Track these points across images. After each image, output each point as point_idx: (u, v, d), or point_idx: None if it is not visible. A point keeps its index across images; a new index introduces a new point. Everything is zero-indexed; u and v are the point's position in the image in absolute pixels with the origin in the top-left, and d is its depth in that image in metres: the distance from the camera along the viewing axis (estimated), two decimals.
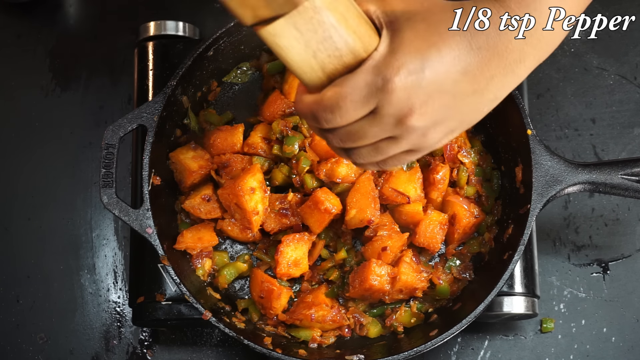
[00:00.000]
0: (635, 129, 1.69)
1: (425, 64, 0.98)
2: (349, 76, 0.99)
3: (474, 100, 1.03)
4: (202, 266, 1.48)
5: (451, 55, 0.99)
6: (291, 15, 0.95)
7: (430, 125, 1.02)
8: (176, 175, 1.52)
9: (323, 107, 1.00)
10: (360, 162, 1.10)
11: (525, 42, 1.03)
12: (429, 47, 0.98)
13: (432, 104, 1.00)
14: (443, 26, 1.00)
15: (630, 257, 1.62)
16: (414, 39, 0.98)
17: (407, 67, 0.97)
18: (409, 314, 1.48)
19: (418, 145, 1.05)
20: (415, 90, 0.98)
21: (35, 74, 1.73)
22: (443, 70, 0.99)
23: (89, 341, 1.60)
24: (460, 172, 1.51)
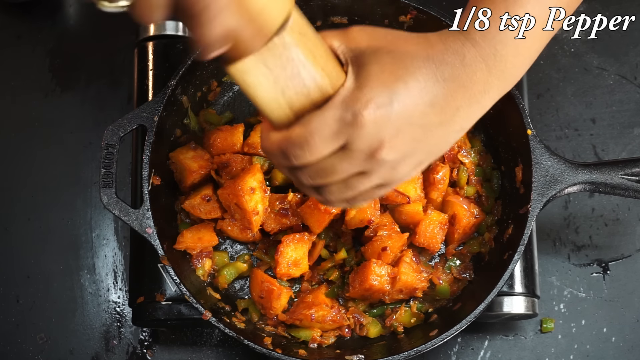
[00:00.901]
0: (635, 129, 1.69)
1: (393, 97, 0.98)
2: (317, 112, 0.98)
3: (441, 131, 1.04)
4: (202, 266, 1.48)
5: (418, 87, 1.00)
6: (261, 52, 0.95)
7: (400, 158, 1.02)
8: (176, 175, 1.52)
9: (292, 143, 0.99)
10: (330, 199, 1.09)
11: (489, 74, 1.04)
12: (396, 80, 0.98)
13: (402, 136, 1.00)
14: (408, 59, 1.00)
15: (630, 257, 1.62)
16: (380, 73, 0.98)
17: (375, 101, 0.97)
18: (409, 314, 1.48)
19: (388, 179, 1.05)
20: (384, 124, 0.98)
21: (35, 74, 1.73)
22: (411, 102, 0.99)
23: (89, 341, 1.60)
24: (460, 172, 1.51)
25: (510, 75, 1.07)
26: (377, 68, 0.99)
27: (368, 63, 1.00)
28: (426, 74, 1.00)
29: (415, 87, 0.99)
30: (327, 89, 1.00)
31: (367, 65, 0.99)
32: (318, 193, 1.08)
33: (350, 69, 1.00)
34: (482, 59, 1.04)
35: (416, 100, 0.99)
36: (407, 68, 0.99)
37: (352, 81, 0.99)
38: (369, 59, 1.00)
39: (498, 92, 1.07)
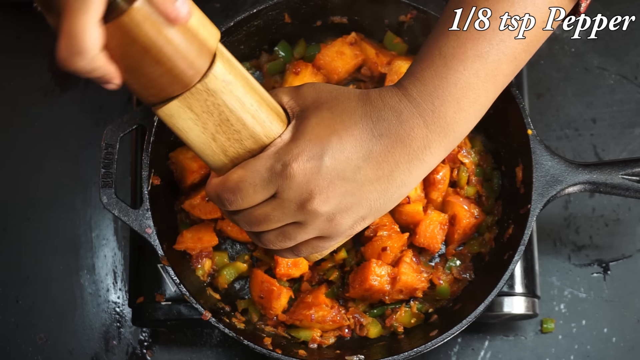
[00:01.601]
0: (636, 128, 1.69)
1: (325, 150, 1.00)
2: (250, 160, 1.02)
3: (380, 186, 1.05)
4: (202, 266, 1.48)
5: (352, 142, 1.01)
6: (185, 97, 0.98)
7: (335, 211, 1.04)
8: (176, 175, 1.52)
9: (226, 189, 1.03)
10: (272, 248, 1.11)
11: (428, 130, 1.05)
12: (330, 134, 1.01)
13: (334, 189, 1.02)
14: (346, 114, 1.02)
15: (631, 257, 1.62)
16: (316, 127, 1.01)
17: (306, 153, 1.00)
18: (409, 314, 1.48)
19: (327, 232, 1.07)
20: (314, 176, 1.00)
21: (35, 74, 1.72)
22: (344, 157, 1.01)
23: (89, 341, 1.59)
24: (461, 172, 1.51)
25: (452, 132, 1.07)
26: (315, 122, 1.02)
27: (308, 117, 1.03)
28: (362, 129, 1.02)
29: (349, 141, 1.01)
30: (262, 138, 1.03)
31: (307, 119, 1.03)
32: (259, 240, 1.11)
33: (293, 122, 1.04)
34: (420, 116, 1.04)
35: (349, 155, 1.01)
36: (343, 122, 1.02)
37: (289, 134, 1.03)
38: (310, 113, 1.03)
39: (441, 148, 1.07)
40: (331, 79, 1.55)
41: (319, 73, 1.54)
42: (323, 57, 1.53)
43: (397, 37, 1.56)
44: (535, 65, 1.72)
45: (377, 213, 1.09)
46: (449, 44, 1.05)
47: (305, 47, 1.58)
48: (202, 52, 0.97)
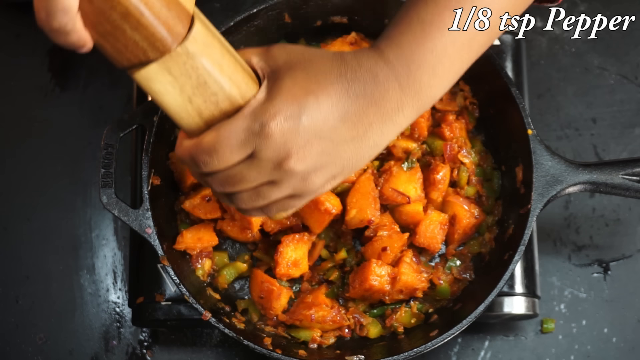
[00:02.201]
0: (636, 128, 1.69)
1: (302, 110, 1.01)
2: (226, 121, 1.02)
3: (353, 146, 1.06)
4: (202, 266, 1.48)
5: (329, 102, 1.02)
6: (164, 60, 0.98)
7: (311, 169, 1.05)
8: (176, 175, 1.52)
9: (201, 150, 1.03)
10: (243, 208, 1.12)
11: (402, 93, 1.06)
12: (307, 94, 1.01)
13: (310, 149, 1.02)
14: (322, 75, 1.03)
15: (631, 257, 1.62)
16: (292, 87, 1.02)
17: (284, 113, 1.00)
18: (409, 314, 1.48)
19: (300, 190, 1.08)
20: (292, 135, 1.01)
21: (34, 74, 1.72)
22: (321, 116, 1.02)
23: (89, 341, 1.59)
24: (461, 172, 1.51)
25: (425, 96, 1.08)
26: (290, 82, 1.02)
27: (282, 78, 1.03)
28: (338, 90, 1.03)
29: (326, 101, 1.02)
30: (237, 100, 1.03)
31: (281, 79, 1.03)
32: (230, 200, 1.11)
33: (265, 83, 1.04)
34: (395, 78, 1.05)
35: (326, 114, 1.02)
36: (319, 83, 1.02)
37: (264, 94, 1.02)
38: (283, 74, 1.03)
39: (413, 111, 1.08)
40: None
41: None
42: None
43: None
44: (535, 65, 1.72)
45: (348, 172, 1.10)
46: (428, 10, 1.06)
47: None
48: (181, 17, 0.97)
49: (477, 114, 1.56)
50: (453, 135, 1.51)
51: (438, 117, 1.55)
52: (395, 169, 1.48)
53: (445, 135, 1.51)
